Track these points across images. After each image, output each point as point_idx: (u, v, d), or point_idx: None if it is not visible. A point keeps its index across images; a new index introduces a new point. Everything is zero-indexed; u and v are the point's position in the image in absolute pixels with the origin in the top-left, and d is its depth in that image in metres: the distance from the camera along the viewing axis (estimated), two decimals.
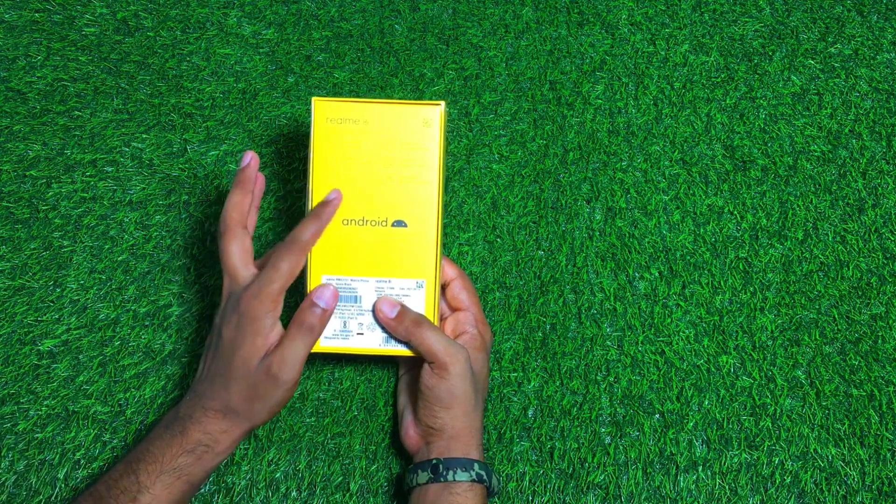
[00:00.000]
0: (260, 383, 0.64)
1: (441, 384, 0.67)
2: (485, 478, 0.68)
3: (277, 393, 0.64)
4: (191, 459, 0.64)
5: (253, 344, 0.64)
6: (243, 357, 0.64)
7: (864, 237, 0.82)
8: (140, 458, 0.64)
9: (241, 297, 0.65)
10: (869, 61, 0.87)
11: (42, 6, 0.88)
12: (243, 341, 0.65)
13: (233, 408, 0.65)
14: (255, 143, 0.84)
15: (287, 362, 0.64)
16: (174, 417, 0.66)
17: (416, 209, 0.69)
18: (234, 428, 0.65)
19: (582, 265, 0.81)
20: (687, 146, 0.84)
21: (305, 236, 0.66)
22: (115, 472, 0.65)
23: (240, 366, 0.64)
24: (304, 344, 0.65)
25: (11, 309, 0.79)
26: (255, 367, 0.64)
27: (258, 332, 0.64)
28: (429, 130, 0.69)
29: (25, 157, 0.83)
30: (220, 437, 0.65)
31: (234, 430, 0.65)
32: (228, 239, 0.67)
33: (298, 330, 0.65)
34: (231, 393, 0.65)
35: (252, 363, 0.64)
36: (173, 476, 0.64)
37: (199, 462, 0.65)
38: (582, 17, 0.88)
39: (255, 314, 0.64)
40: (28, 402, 0.77)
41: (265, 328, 0.64)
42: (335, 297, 0.67)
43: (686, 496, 0.76)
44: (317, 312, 0.66)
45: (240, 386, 0.65)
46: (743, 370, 0.79)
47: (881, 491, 0.76)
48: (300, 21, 0.88)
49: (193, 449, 0.64)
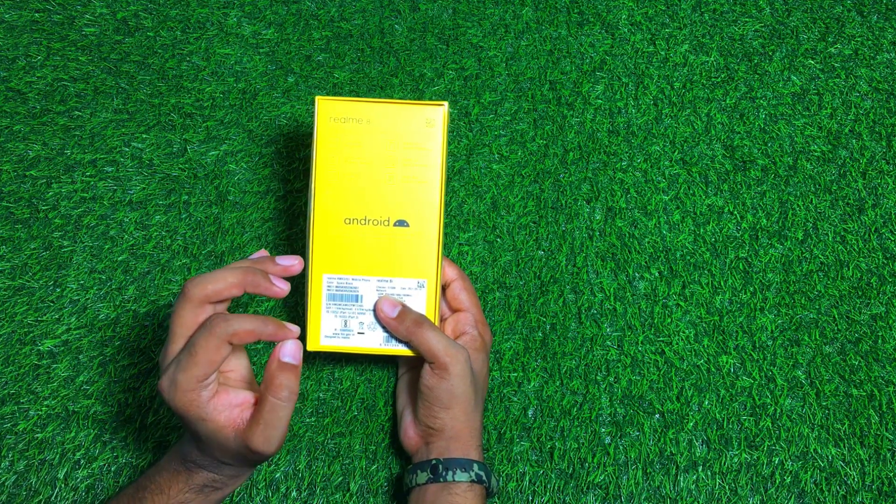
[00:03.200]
0: (247, 455, 0.60)
1: (441, 384, 0.67)
2: (484, 478, 0.68)
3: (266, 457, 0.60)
4: (199, 497, 0.64)
5: (206, 429, 0.59)
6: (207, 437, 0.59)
7: (864, 237, 0.82)
8: (146, 487, 0.64)
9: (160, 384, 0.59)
10: (869, 61, 0.87)
11: (42, 6, 0.87)
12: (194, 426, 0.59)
13: (227, 463, 0.63)
14: (255, 143, 0.84)
15: (271, 436, 0.58)
16: (179, 451, 0.64)
17: (419, 209, 0.69)
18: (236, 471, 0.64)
19: (582, 265, 0.81)
20: (687, 146, 0.84)
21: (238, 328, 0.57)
22: (122, 497, 0.65)
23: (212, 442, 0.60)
24: (287, 409, 0.59)
25: (11, 309, 0.79)
26: (230, 441, 0.59)
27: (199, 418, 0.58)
28: (432, 131, 0.69)
29: (25, 157, 0.83)
30: (225, 480, 0.65)
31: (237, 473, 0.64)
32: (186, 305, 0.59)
33: (277, 397, 0.58)
34: (219, 456, 0.62)
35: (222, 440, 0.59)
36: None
37: (208, 499, 0.64)
38: (582, 17, 0.88)
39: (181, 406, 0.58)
40: (28, 402, 0.77)
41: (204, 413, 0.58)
42: (300, 348, 0.60)
43: (686, 496, 0.76)
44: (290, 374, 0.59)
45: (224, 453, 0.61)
46: (743, 370, 0.79)
47: (881, 491, 0.76)
48: (300, 21, 0.88)
49: (200, 489, 0.64)
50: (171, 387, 0.58)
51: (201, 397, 0.58)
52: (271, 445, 0.59)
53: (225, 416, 0.59)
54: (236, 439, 0.59)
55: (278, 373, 0.59)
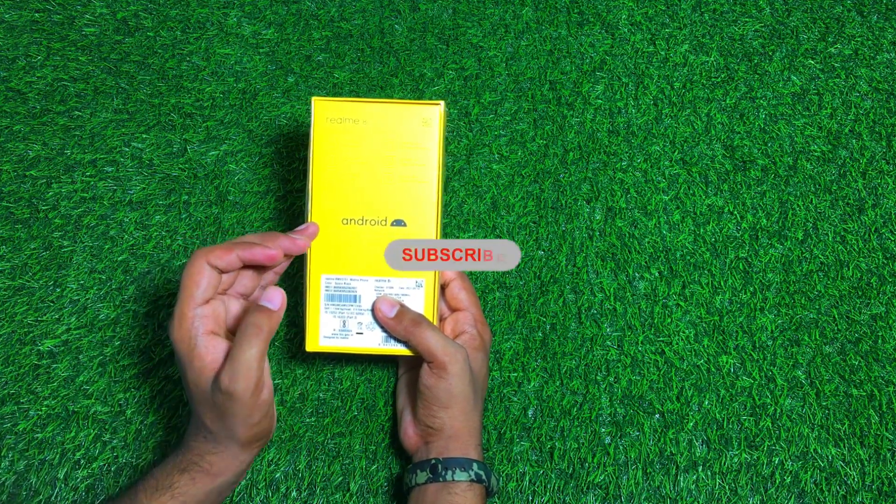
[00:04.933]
0: (219, 402, 0.61)
1: (440, 384, 0.67)
2: (483, 477, 0.68)
3: (240, 406, 0.61)
4: (185, 479, 0.64)
5: (192, 367, 0.62)
6: (193, 382, 0.62)
7: (864, 237, 0.82)
8: (143, 478, 0.65)
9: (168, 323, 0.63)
10: (869, 61, 0.87)
11: (42, 6, 0.88)
12: (186, 367, 0.62)
13: (209, 429, 0.63)
14: (255, 143, 0.84)
15: (237, 372, 0.60)
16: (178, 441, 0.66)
17: (416, 208, 0.69)
18: (221, 449, 0.64)
19: (582, 265, 0.81)
20: (687, 146, 0.84)
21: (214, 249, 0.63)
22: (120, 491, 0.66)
23: (195, 391, 0.62)
24: (253, 347, 0.60)
25: (11, 309, 0.79)
26: (208, 388, 0.62)
27: (191, 355, 0.61)
28: (428, 130, 0.69)
29: (25, 157, 0.83)
30: (212, 460, 0.64)
31: (222, 451, 0.64)
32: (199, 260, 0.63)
33: (243, 334, 0.61)
34: (202, 417, 0.63)
35: (203, 385, 0.62)
36: (167, 494, 0.63)
37: (195, 483, 0.64)
38: (582, 17, 0.88)
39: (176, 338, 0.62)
40: (28, 402, 0.77)
41: (193, 346, 0.61)
42: (283, 298, 0.64)
43: (686, 496, 0.76)
44: (261, 314, 0.62)
45: (204, 408, 0.63)
46: (743, 370, 0.79)
47: (881, 491, 0.76)
48: (300, 21, 0.88)
49: (186, 468, 0.64)
50: (171, 322, 0.62)
51: (194, 329, 0.61)
52: (236, 382, 0.60)
53: (211, 357, 0.62)
54: (213, 381, 0.61)
55: (251, 311, 0.62)
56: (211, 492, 0.65)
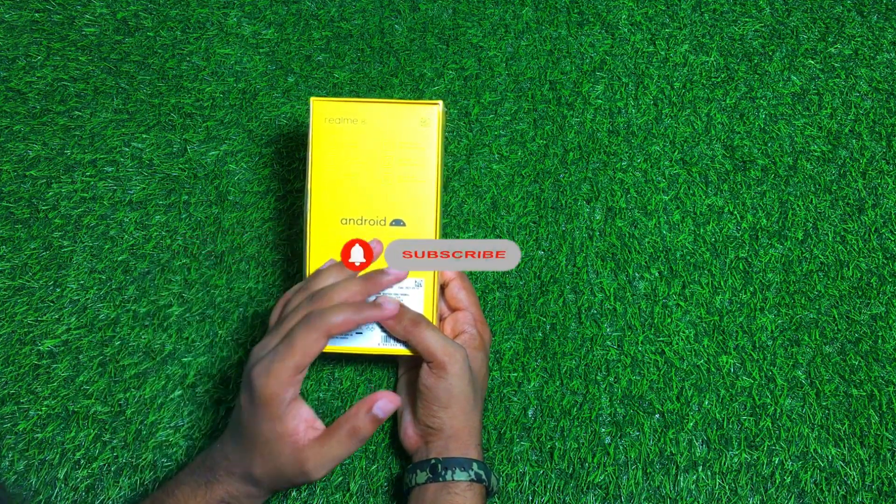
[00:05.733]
0: (288, 470, 0.61)
1: (439, 384, 0.67)
2: (483, 477, 0.68)
3: (306, 481, 0.62)
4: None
5: (272, 429, 0.61)
6: (264, 441, 0.61)
7: (864, 237, 0.82)
8: (165, 502, 0.64)
9: (251, 371, 0.61)
10: (869, 61, 0.87)
11: (42, 6, 0.88)
12: (260, 424, 0.61)
13: (257, 479, 0.63)
14: (255, 143, 0.84)
15: (325, 465, 0.61)
16: (202, 464, 0.65)
17: (415, 208, 0.69)
18: (257, 493, 0.64)
19: (582, 265, 0.81)
20: (687, 146, 0.84)
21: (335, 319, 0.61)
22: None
23: (263, 449, 0.61)
24: (348, 451, 0.61)
25: (11, 309, 0.79)
26: (283, 454, 0.61)
27: (275, 416, 0.60)
28: (426, 130, 0.69)
29: (25, 157, 0.83)
30: (244, 500, 0.64)
31: (258, 494, 0.64)
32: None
33: (350, 438, 0.61)
34: (255, 467, 0.62)
35: (277, 449, 0.61)
36: None
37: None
38: (582, 17, 0.88)
39: (266, 394, 0.60)
40: (28, 402, 0.77)
41: (281, 411, 0.60)
42: (395, 405, 0.62)
43: (686, 496, 0.76)
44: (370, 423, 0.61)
45: (265, 465, 0.62)
46: (743, 370, 0.79)
47: (881, 491, 0.76)
48: (300, 21, 0.88)
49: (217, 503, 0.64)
50: (264, 374, 0.60)
51: (287, 393, 0.60)
52: (319, 472, 0.61)
53: (294, 424, 0.61)
54: (291, 454, 0.61)
55: (364, 419, 0.61)
56: None
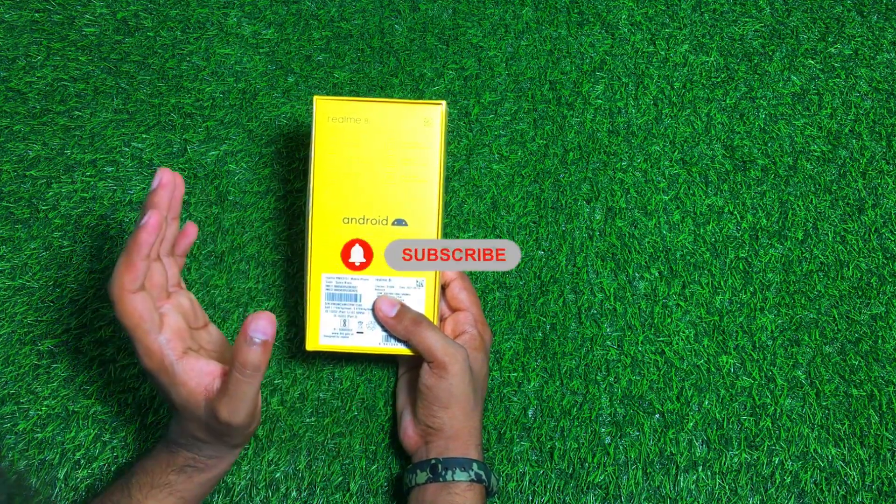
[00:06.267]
0: (215, 426, 0.61)
1: (440, 384, 0.67)
2: (483, 477, 0.68)
3: (237, 431, 0.61)
4: (182, 478, 0.65)
5: (177, 394, 0.60)
6: (180, 405, 0.61)
7: (864, 237, 0.82)
8: (134, 473, 0.65)
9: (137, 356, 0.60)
10: (869, 61, 0.87)
11: (42, 6, 0.88)
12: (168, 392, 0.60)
13: (202, 439, 0.63)
14: (255, 143, 0.84)
15: (237, 408, 0.59)
16: (165, 435, 0.66)
17: (417, 208, 0.69)
18: (213, 453, 0.65)
19: (582, 265, 0.81)
20: (687, 146, 0.84)
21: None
22: (111, 486, 0.66)
23: (183, 412, 0.61)
24: (252, 384, 0.59)
25: (11, 309, 0.79)
26: (201, 410, 0.60)
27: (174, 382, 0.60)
28: (429, 130, 0.69)
29: (25, 157, 0.83)
30: (205, 461, 0.65)
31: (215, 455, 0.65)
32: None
33: (242, 374, 0.58)
34: (193, 431, 0.63)
35: (192, 408, 0.61)
36: (165, 491, 0.64)
37: (191, 479, 0.65)
38: (582, 17, 0.88)
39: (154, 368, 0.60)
40: (28, 402, 0.77)
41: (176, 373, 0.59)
42: (273, 323, 0.59)
43: (686, 496, 0.76)
44: (256, 350, 0.58)
45: (196, 425, 0.62)
46: (743, 370, 0.79)
47: (881, 491, 0.76)
48: (300, 21, 0.88)
49: (182, 468, 0.65)
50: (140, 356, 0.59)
51: (167, 357, 0.59)
52: (237, 416, 0.59)
53: (196, 381, 0.60)
54: (206, 407, 0.60)
55: (245, 347, 0.58)
56: (206, 482, 0.66)
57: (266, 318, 0.58)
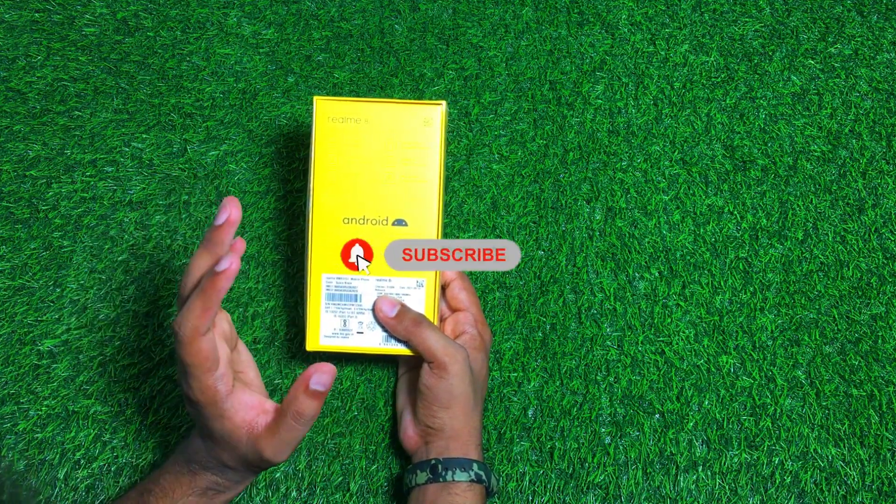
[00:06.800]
0: (252, 458, 0.60)
1: (440, 384, 0.67)
2: (483, 478, 0.68)
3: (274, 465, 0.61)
4: (203, 500, 0.64)
5: (222, 427, 0.59)
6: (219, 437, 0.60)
7: (864, 237, 0.82)
8: (150, 490, 0.64)
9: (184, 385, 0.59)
10: (869, 61, 0.87)
11: (42, 6, 0.88)
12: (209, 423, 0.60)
13: (231, 466, 0.63)
14: (255, 143, 0.84)
15: (283, 451, 0.59)
16: (182, 454, 0.65)
17: (417, 208, 0.69)
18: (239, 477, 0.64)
19: (582, 265, 0.81)
20: (687, 146, 0.84)
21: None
22: (126, 500, 0.65)
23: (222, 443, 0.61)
24: (301, 433, 0.59)
25: (11, 309, 0.79)
26: (242, 445, 0.60)
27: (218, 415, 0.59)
28: (429, 130, 0.69)
29: (25, 157, 0.83)
30: (228, 484, 0.64)
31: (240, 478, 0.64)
32: None
33: (297, 422, 0.58)
34: (224, 458, 0.62)
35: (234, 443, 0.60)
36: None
37: (210, 501, 0.64)
38: (582, 17, 0.88)
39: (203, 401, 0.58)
40: (28, 402, 0.77)
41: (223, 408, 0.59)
42: (333, 375, 0.58)
43: (686, 496, 0.76)
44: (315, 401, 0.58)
45: (231, 456, 0.61)
46: (743, 370, 0.79)
47: (881, 491, 0.76)
48: (300, 21, 0.88)
49: (204, 491, 0.64)
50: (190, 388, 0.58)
51: (219, 393, 0.58)
52: (281, 456, 0.59)
53: (241, 416, 0.59)
54: (248, 443, 0.59)
55: (304, 397, 0.57)
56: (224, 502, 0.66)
57: (329, 371, 0.58)
